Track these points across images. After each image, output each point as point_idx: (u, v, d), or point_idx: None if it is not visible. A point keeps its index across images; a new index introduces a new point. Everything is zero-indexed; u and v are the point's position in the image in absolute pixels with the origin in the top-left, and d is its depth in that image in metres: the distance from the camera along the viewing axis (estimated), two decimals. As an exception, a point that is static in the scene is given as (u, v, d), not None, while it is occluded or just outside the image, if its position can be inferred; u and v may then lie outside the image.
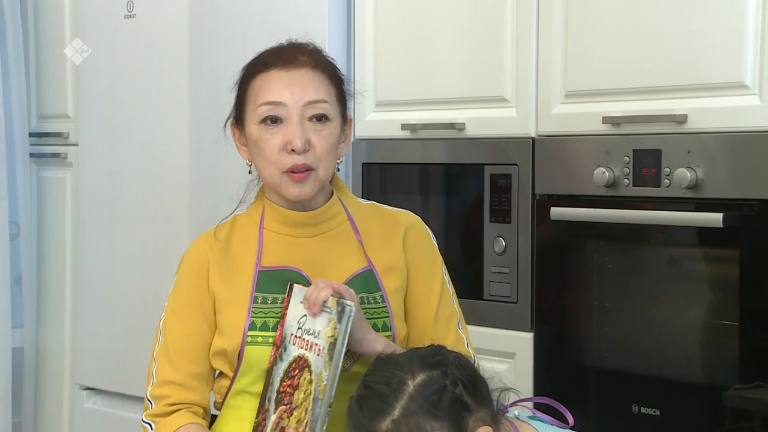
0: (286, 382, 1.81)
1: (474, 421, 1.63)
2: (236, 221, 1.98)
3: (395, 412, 1.61)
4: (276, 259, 1.91)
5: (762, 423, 2.25)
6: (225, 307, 1.90)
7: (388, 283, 1.91)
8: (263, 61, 1.92)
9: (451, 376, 1.64)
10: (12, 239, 3.86)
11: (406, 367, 1.65)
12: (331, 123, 1.89)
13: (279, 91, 1.87)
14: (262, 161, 1.90)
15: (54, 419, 3.89)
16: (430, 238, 2.01)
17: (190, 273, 1.94)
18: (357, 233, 1.95)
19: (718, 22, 2.30)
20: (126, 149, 3.57)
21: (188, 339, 1.91)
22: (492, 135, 2.73)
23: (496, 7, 2.70)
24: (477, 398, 1.65)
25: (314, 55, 1.92)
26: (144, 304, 3.44)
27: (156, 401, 1.91)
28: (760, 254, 2.25)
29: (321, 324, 1.78)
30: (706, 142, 2.32)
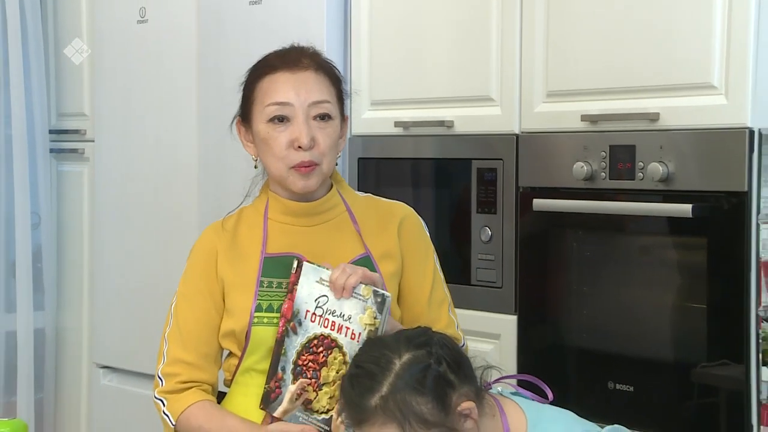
0: (307, 357, 1.81)
1: (458, 397, 1.63)
2: (242, 213, 1.99)
3: (383, 389, 1.62)
4: (280, 246, 1.92)
5: (726, 397, 2.26)
6: (233, 290, 1.91)
7: (385, 269, 1.92)
8: (270, 63, 1.92)
9: (435, 355, 1.64)
10: (33, 228, 3.86)
11: (394, 347, 1.66)
12: (333, 121, 1.91)
13: (286, 92, 1.88)
14: (270, 157, 1.90)
15: (73, 395, 3.90)
16: (423, 228, 2.02)
17: (199, 261, 1.95)
18: (355, 222, 1.95)
19: (688, 28, 2.30)
20: (138, 145, 3.57)
21: (198, 321, 1.92)
22: (479, 132, 2.73)
23: (482, 14, 2.69)
24: (460, 375, 1.65)
25: (316, 58, 1.93)
26: (156, 289, 3.44)
27: (167, 379, 1.92)
28: (726, 242, 2.25)
29: (352, 309, 1.80)
30: (676, 139, 2.32)
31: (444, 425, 1.61)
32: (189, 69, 3.35)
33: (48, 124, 3.92)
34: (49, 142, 3.91)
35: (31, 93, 3.84)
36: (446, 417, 1.62)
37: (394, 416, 1.60)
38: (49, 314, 3.90)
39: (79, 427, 3.87)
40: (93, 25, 3.76)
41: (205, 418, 1.87)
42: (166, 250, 3.42)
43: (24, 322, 3.81)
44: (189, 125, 3.35)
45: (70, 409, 3.91)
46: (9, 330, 3.82)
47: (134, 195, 3.58)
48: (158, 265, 3.46)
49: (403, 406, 1.60)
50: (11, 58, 3.77)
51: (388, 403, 1.60)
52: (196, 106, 3.33)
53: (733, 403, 2.23)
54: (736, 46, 2.22)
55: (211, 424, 1.87)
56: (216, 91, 3.24)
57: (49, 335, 3.91)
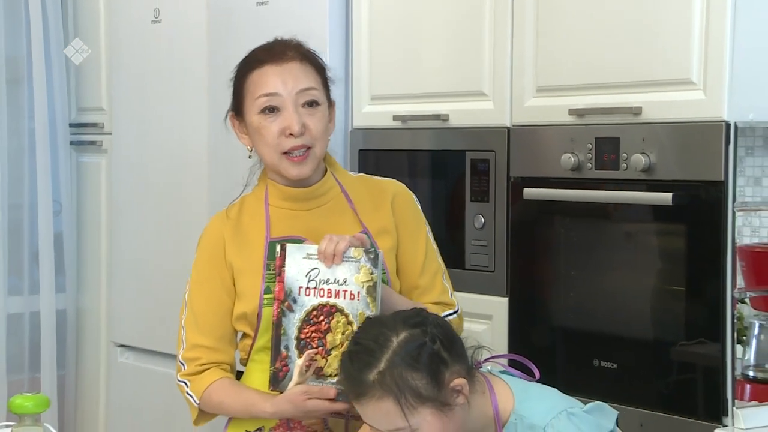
0: (309, 329, 1.80)
1: (450, 374, 1.63)
2: (244, 201, 1.98)
3: (381, 364, 1.62)
4: (283, 230, 1.91)
5: (703, 373, 2.27)
6: (242, 275, 1.90)
7: (382, 244, 1.91)
8: (257, 58, 1.92)
9: (430, 334, 1.64)
10: (55, 216, 3.87)
11: (391, 326, 1.66)
12: (321, 107, 1.91)
13: (274, 83, 1.88)
14: (263, 146, 1.90)
15: (92, 372, 3.90)
16: (415, 202, 2.02)
17: (207, 249, 1.95)
18: (350, 203, 1.95)
19: (669, 28, 2.29)
20: (152, 137, 3.57)
21: (211, 307, 1.92)
22: (472, 125, 2.73)
23: (476, 14, 2.69)
24: (453, 354, 1.65)
25: (300, 49, 1.93)
26: (169, 272, 3.45)
27: (188, 363, 1.92)
28: (704, 229, 2.25)
29: (346, 272, 1.79)
30: (658, 131, 2.32)
31: (437, 400, 1.61)
32: (200, 66, 3.34)
33: (68, 118, 3.91)
34: (69, 134, 3.91)
35: (52, 88, 3.83)
36: (439, 392, 1.62)
37: (391, 390, 1.60)
38: (70, 296, 3.91)
39: (98, 401, 3.88)
40: (110, 24, 3.76)
41: (224, 393, 1.88)
42: (178, 236, 3.42)
43: (47, 304, 3.81)
44: (200, 119, 3.35)
45: (89, 385, 3.92)
46: (33, 311, 3.83)
47: (149, 184, 3.58)
48: (171, 250, 3.46)
49: (400, 380, 1.60)
50: (34, 56, 3.77)
51: (386, 378, 1.61)
52: (207, 101, 3.32)
53: (709, 378, 2.23)
54: (714, 44, 2.21)
55: (230, 399, 1.88)
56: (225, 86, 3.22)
57: (70, 316, 3.92)
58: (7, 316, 3.73)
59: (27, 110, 3.81)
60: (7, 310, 3.73)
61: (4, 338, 3.71)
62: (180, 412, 3.44)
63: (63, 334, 3.89)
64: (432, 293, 1.97)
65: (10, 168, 3.76)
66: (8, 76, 3.74)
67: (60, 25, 3.84)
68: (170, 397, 3.47)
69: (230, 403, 1.88)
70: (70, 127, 3.92)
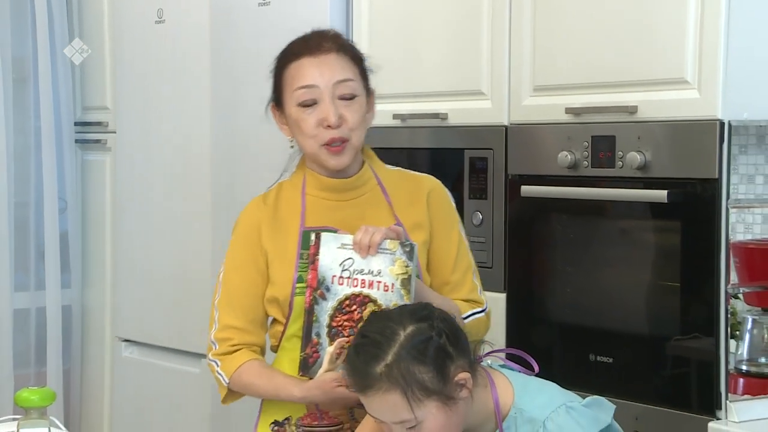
0: (341, 317, 1.79)
1: (455, 368, 1.63)
2: (281, 188, 1.98)
3: (388, 357, 1.61)
4: (317, 220, 1.91)
5: (697, 367, 2.27)
6: (275, 263, 1.90)
7: (416, 238, 1.90)
8: (294, 51, 1.91)
9: (436, 328, 1.64)
10: (60, 213, 3.86)
11: (398, 319, 1.65)
12: (359, 98, 1.90)
13: (311, 75, 1.87)
14: (302, 137, 1.90)
15: (97, 366, 3.90)
16: (449, 198, 2.02)
17: (244, 234, 1.94)
18: (386, 196, 1.94)
19: (664, 28, 2.29)
20: (156, 136, 3.56)
21: (245, 290, 1.91)
22: (470, 123, 2.73)
23: (474, 15, 2.68)
24: (458, 348, 1.65)
25: (337, 40, 1.92)
26: (173, 267, 3.45)
27: (220, 343, 1.91)
28: (698, 225, 2.25)
29: (380, 264, 1.78)
30: (653, 130, 2.31)
31: (442, 393, 1.61)
32: (203, 66, 3.33)
33: (73, 117, 3.91)
34: (74, 133, 3.91)
35: (57, 88, 3.83)
36: (444, 386, 1.61)
37: (398, 383, 1.59)
38: (75, 292, 3.91)
39: (102, 395, 3.88)
40: (114, 25, 3.75)
41: (255, 375, 1.88)
42: (182, 232, 3.42)
43: (52, 299, 3.81)
44: (202, 118, 3.35)
45: (94, 379, 3.92)
46: (39, 306, 3.83)
47: (152, 182, 3.58)
48: (174, 247, 3.46)
49: (407, 373, 1.59)
50: (39, 56, 3.77)
51: (393, 371, 1.60)
52: (209, 100, 3.32)
53: (703, 372, 2.23)
54: (708, 44, 2.21)
55: (260, 380, 1.88)
56: (228, 86, 3.24)
57: (76, 311, 3.92)
58: (13, 311, 3.73)
59: (33, 109, 3.81)
60: (13, 305, 3.73)
61: (11, 333, 3.71)
62: (183, 405, 3.44)
63: (68, 329, 3.89)
64: (462, 290, 1.96)
65: (17, 166, 3.76)
66: (14, 76, 3.75)
67: (65, 26, 3.84)
68: (173, 390, 3.47)
69: (260, 385, 1.88)
70: (75, 125, 3.92)
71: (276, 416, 1.91)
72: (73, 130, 3.90)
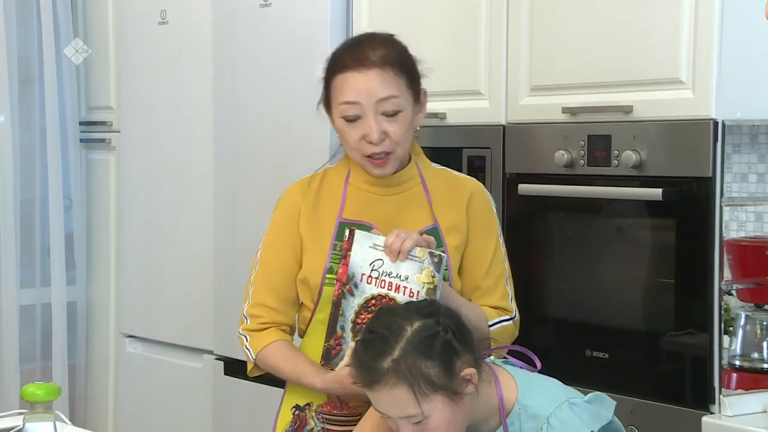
0: (366, 315, 1.78)
1: (461, 363, 1.62)
2: (326, 174, 1.97)
3: (395, 352, 1.60)
4: (356, 212, 1.90)
5: (691, 362, 2.27)
6: (309, 250, 1.90)
7: (451, 241, 1.89)
8: (341, 62, 1.87)
9: (443, 324, 1.63)
10: (65, 211, 3.87)
11: (405, 315, 1.64)
12: (403, 112, 1.86)
13: (354, 92, 1.84)
14: (347, 146, 1.89)
15: (102, 361, 3.90)
16: (491, 203, 1.99)
17: (284, 215, 1.94)
18: (428, 195, 1.93)
19: (659, 29, 2.29)
20: (159, 135, 3.56)
21: (280, 270, 1.92)
22: (469, 123, 2.72)
23: (472, 17, 2.68)
24: (463, 344, 1.64)
25: (383, 51, 1.87)
26: (176, 264, 3.45)
27: (251, 319, 1.92)
28: (692, 223, 2.25)
29: (409, 270, 1.76)
30: (648, 129, 2.31)
31: (449, 388, 1.60)
32: (205, 66, 3.33)
33: (78, 117, 3.91)
34: (79, 132, 3.91)
35: (62, 87, 3.83)
36: (450, 381, 1.61)
37: (405, 378, 1.59)
38: (80, 288, 3.91)
39: (107, 390, 3.88)
40: (118, 26, 3.75)
41: (280, 357, 1.89)
42: (185, 230, 3.42)
43: (58, 296, 3.81)
44: (205, 117, 3.34)
45: (99, 374, 3.91)
46: (44, 303, 3.83)
47: (156, 180, 3.58)
48: (177, 243, 3.46)
49: (413, 368, 1.59)
50: (45, 56, 3.77)
51: (400, 366, 1.59)
52: (212, 99, 3.32)
53: (697, 367, 2.23)
54: (702, 45, 2.21)
55: (284, 364, 1.88)
56: (230, 85, 3.23)
57: (80, 307, 3.92)
58: (19, 307, 3.73)
59: (38, 109, 3.81)
60: (19, 301, 3.73)
61: (17, 329, 3.71)
62: (187, 401, 3.44)
63: (73, 325, 3.89)
64: (493, 296, 1.94)
65: (22, 164, 3.76)
66: (20, 76, 3.74)
67: (70, 27, 3.84)
68: (176, 385, 3.47)
69: (284, 368, 1.88)
70: (80, 125, 3.92)
71: (298, 401, 1.91)
72: (78, 130, 3.90)
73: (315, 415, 1.88)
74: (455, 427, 1.63)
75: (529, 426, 1.66)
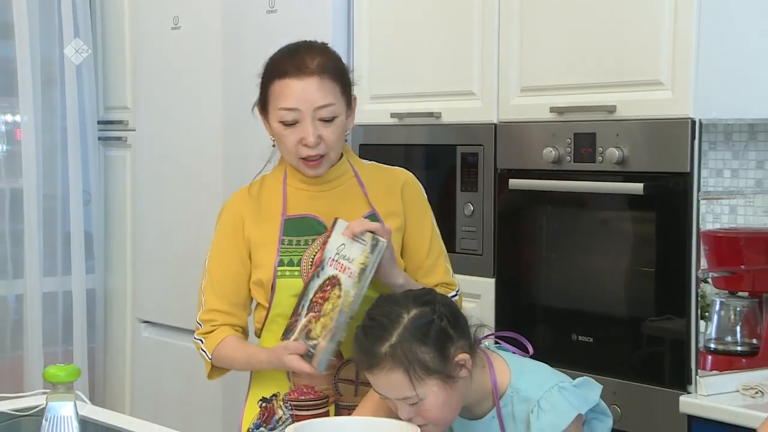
0: (319, 295, 1.80)
1: (455, 349, 1.62)
2: (264, 180, 1.97)
3: (393, 338, 1.61)
4: (298, 209, 1.90)
5: (670, 346, 2.27)
6: (259, 248, 1.90)
7: (390, 225, 1.89)
8: (281, 68, 1.86)
9: (438, 312, 1.63)
10: (85, 204, 3.86)
11: (403, 303, 1.65)
12: (338, 118, 1.86)
13: (294, 98, 1.83)
14: (283, 149, 1.89)
15: (119, 345, 3.91)
16: (422, 190, 2.00)
17: (228, 223, 1.93)
18: (362, 186, 1.94)
19: (640, 34, 2.29)
20: (173, 133, 3.56)
21: (228, 276, 1.91)
22: (462, 122, 2.72)
23: (465, 22, 2.68)
24: (458, 331, 1.64)
25: (321, 59, 1.85)
26: (188, 254, 3.45)
27: (204, 324, 1.92)
28: (671, 216, 2.25)
29: (356, 252, 1.77)
30: (630, 127, 2.31)
31: (443, 372, 1.61)
32: (215, 68, 3.33)
33: (96, 116, 3.90)
34: (97, 131, 3.90)
35: (82, 89, 3.83)
36: (445, 365, 1.61)
37: (401, 362, 1.59)
38: (98, 277, 3.91)
39: (124, 371, 3.88)
40: (134, 31, 3.75)
41: (231, 348, 1.89)
42: (196, 221, 3.42)
43: (78, 284, 3.82)
44: (215, 116, 3.34)
45: (116, 357, 3.92)
46: (66, 290, 3.83)
47: (169, 175, 3.57)
48: (190, 234, 3.46)
49: (409, 353, 1.59)
50: (66, 60, 3.76)
51: (396, 351, 1.60)
52: (221, 99, 3.32)
53: (676, 350, 2.23)
54: (681, 49, 2.21)
55: (235, 353, 1.88)
56: (238, 86, 3.23)
57: (99, 295, 3.92)
58: (42, 294, 3.73)
59: (59, 109, 3.80)
60: (42, 289, 3.73)
61: (41, 315, 3.72)
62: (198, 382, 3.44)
63: (92, 311, 3.89)
64: (436, 273, 1.96)
65: (45, 162, 3.76)
66: (42, 79, 3.74)
67: (89, 32, 3.83)
68: (188, 367, 3.47)
69: (235, 356, 1.89)
70: (98, 124, 3.91)
71: (264, 393, 1.90)
72: (96, 129, 3.89)
73: (283, 404, 1.86)
74: (450, 408, 1.63)
75: (521, 408, 1.66)
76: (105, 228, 3.93)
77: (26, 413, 2.02)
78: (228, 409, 3.28)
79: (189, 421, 3.36)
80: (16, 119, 3.72)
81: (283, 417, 1.86)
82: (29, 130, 3.67)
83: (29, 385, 3.53)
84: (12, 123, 3.73)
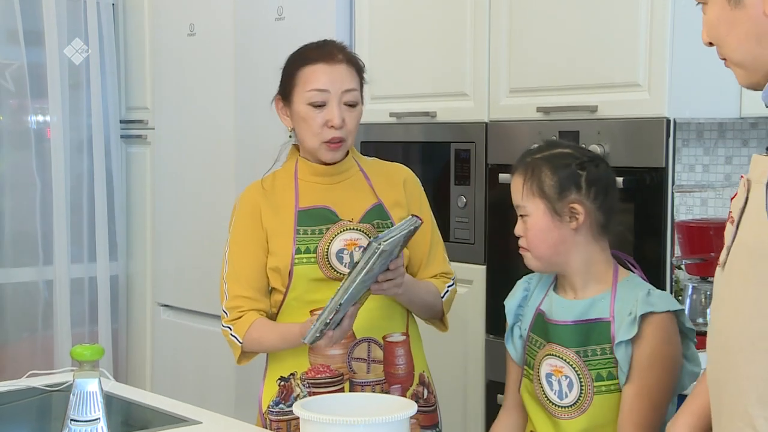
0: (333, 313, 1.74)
1: (576, 196, 1.62)
2: (276, 175, 1.95)
3: (537, 155, 1.66)
4: (310, 201, 1.89)
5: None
6: (276, 237, 1.88)
7: (396, 214, 1.90)
8: (310, 56, 1.87)
9: (587, 165, 1.64)
10: (108, 197, 3.86)
11: (569, 146, 1.70)
12: (359, 106, 1.88)
13: (325, 80, 1.84)
14: (307, 132, 1.86)
15: (140, 327, 3.91)
16: (420, 185, 2.01)
17: (246, 215, 1.91)
18: (368, 179, 1.93)
19: (619, 39, 2.28)
20: (189, 131, 3.56)
21: (250, 263, 1.88)
22: (456, 120, 2.72)
23: (458, 27, 2.68)
24: (593, 193, 1.63)
25: (347, 53, 1.90)
26: (204, 243, 3.45)
27: (231, 311, 1.88)
28: (648, 207, 2.25)
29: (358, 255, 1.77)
30: (611, 126, 2.31)
31: (551, 202, 1.62)
32: (228, 71, 3.33)
33: (119, 116, 3.90)
34: (120, 130, 3.89)
35: (106, 91, 3.83)
36: (557, 200, 1.62)
37: (525, 172, 1.64)
38: (121, 264, 3.91)
39: (145, 351, 3.88)
40: (153, 37, 3.74)
41: (262, 329, 1.85)
42: (211, 212, 3.42)
43: (102, 270, 3.82)
44: (228, 116, 3.34)
45: (138, 338, 3.92)
46: (91, 276, 3.83)
47: (185, 170, 3.58)
48: (205, 224, 3.46)
49: (536, 169, 1.64)
50: (91, 64, 3.76)
51: (530, 163, 1.65)
52: (234, 100, 3.32)
53: (652, 332, 2.23)
54: (657, 53, 2.21)
55: (269, 333, 1.85)
56: (249, 88, 3.23)
57: (122, 280, 3.92)
58: (70, 280, 3.74)
59: (85, 110, 3.80)
60: (70, 275, 3.74)
61: (69, 298, 3.72)
62: (213, 361, 3.45)
63: (116, 295, 3.89)
64: (435, 263, 1.95)
65: (72, 158, 3.76)
66: (70, 82, 3.75)
67: (113, 39, 3.83)
68: (205, 349, 3.48)
69: (268, 337, 1.85)
70: (121, 123, 3.91)
71: (281, 372, 1.88)
72: (119, 127, 3.89)
73: (300, 383, 1.85)
74: (546, 243, 1.62)
75: (633, 294, 1.61)
76: (127, 219, 3.93)
77: (56, 389, 2.02)
78: (241, 385, 3.29)
79: (205, 396, 3.37)
80: (46, 119, 3.72)
81: (301, 394, 1.84)
82: (58, 129, 3.67)
83: (59, 362, 3.54)
84: (42, 123, 3.73)
